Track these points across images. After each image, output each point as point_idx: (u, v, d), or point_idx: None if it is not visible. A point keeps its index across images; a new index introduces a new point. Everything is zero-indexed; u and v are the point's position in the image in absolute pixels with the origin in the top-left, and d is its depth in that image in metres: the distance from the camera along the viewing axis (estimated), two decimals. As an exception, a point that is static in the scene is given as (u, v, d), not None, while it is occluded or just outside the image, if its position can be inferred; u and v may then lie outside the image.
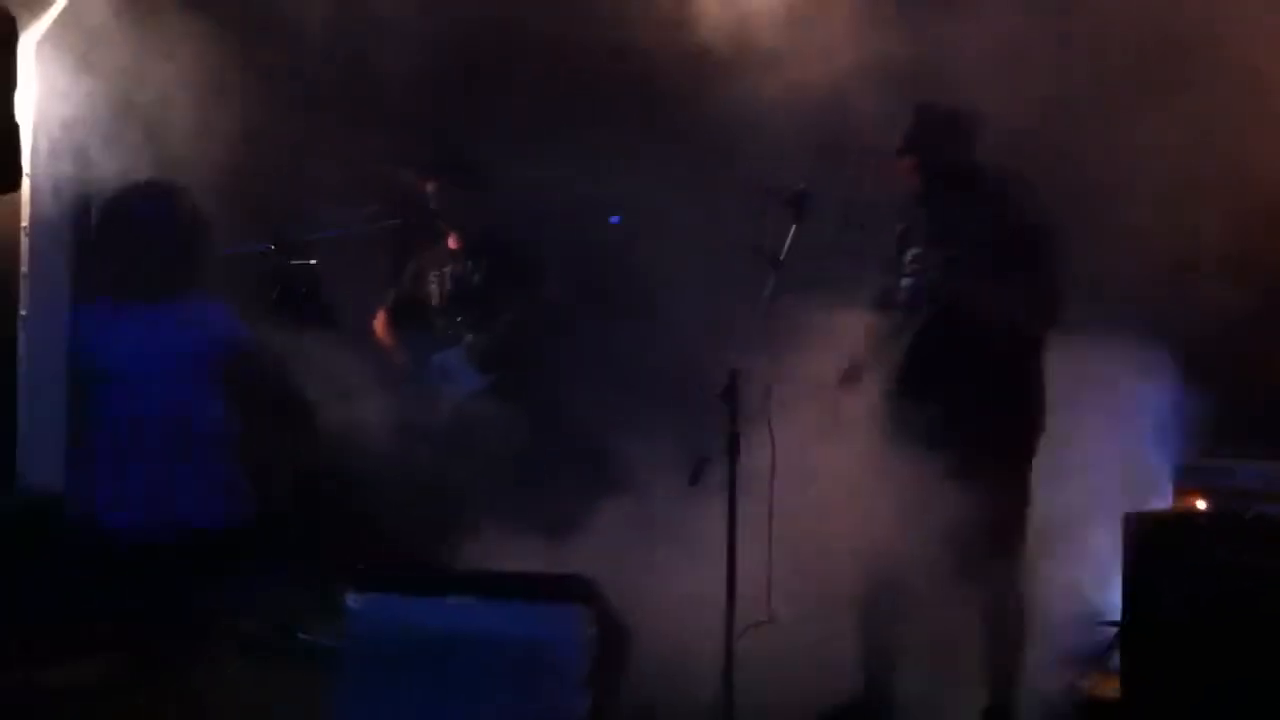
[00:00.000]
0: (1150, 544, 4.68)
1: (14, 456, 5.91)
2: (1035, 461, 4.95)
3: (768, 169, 5.36)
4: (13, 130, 5.75)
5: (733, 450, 4.44)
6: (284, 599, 5.68)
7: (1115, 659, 4.86)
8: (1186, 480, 5.27)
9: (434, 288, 6.10)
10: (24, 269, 6.07)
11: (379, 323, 6.19)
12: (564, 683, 4.83)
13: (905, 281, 5.09)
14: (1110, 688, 4.88)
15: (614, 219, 6.19)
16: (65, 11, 6.18)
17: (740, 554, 4.44)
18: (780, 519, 4.87)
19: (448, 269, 6.10)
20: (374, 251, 6.52)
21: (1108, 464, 5.40)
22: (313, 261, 5.82)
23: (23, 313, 6.04)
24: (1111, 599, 4.95)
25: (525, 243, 6.07)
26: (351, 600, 5.00)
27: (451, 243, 6.15)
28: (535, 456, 5.66)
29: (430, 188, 6.08)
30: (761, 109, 5.32)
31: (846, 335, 5.11)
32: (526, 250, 6.04)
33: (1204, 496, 5.18)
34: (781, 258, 4.85)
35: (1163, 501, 5.29)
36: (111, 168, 6.13)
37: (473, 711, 4.81)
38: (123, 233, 4.50)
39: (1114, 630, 4.90)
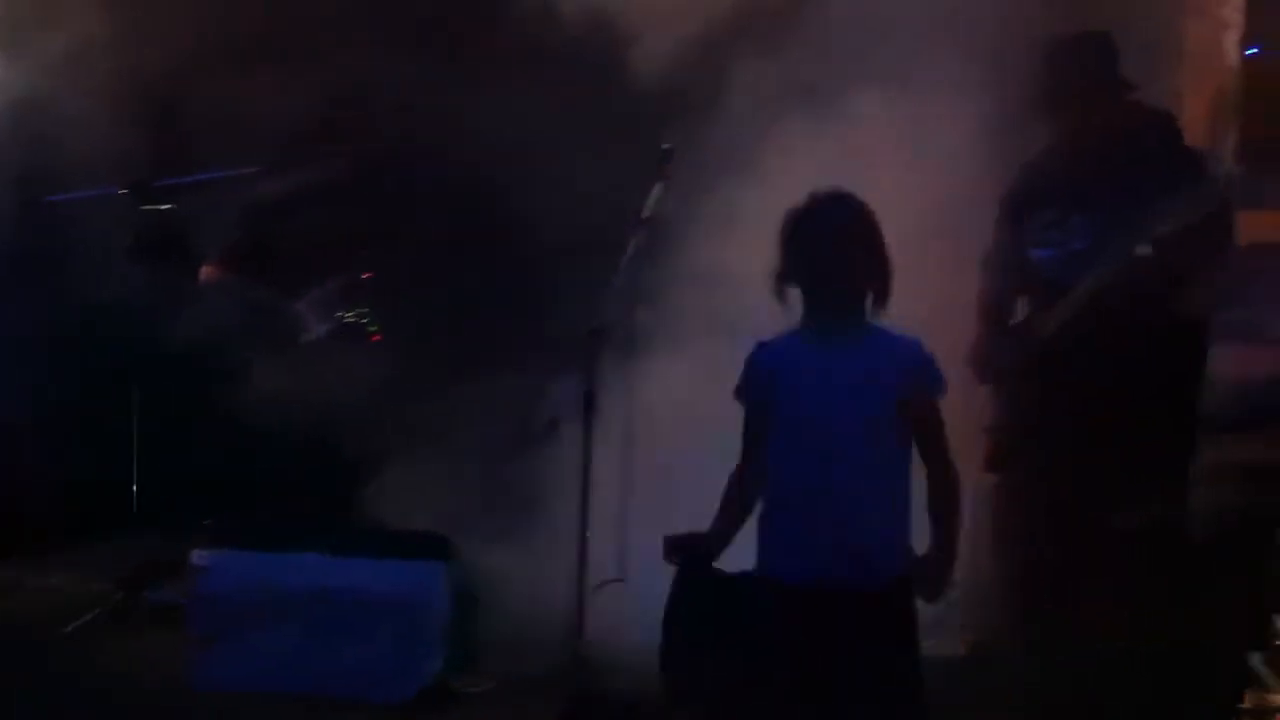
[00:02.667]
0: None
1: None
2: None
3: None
4: None
5: (588, 409, 4.39)
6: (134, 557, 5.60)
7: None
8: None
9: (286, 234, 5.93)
10: None
11: (209, 271, 5.97)
12: (420, 640, 4.81)
13: (1041, 253, 4.35)
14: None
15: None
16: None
17: (595, 512, 4.39)
18: (637, 478, 4.90)
19: (307, 214, 5.93)
20: (241, 198, 6.35)
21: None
22: (167, 207, 5.65)
23: None
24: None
25: (390, 191, 5.94)
26: (198, 558, 4.93)
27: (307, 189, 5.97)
28: (388, 411, 5.55)
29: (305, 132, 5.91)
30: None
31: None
32: (390, 198, 5.92)
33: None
34: (645, 215, 4.81)
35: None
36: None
37: (325, 668, 4.77)
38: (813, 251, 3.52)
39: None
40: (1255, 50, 4.89)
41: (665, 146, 4.89)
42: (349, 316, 5.58)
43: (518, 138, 5.61)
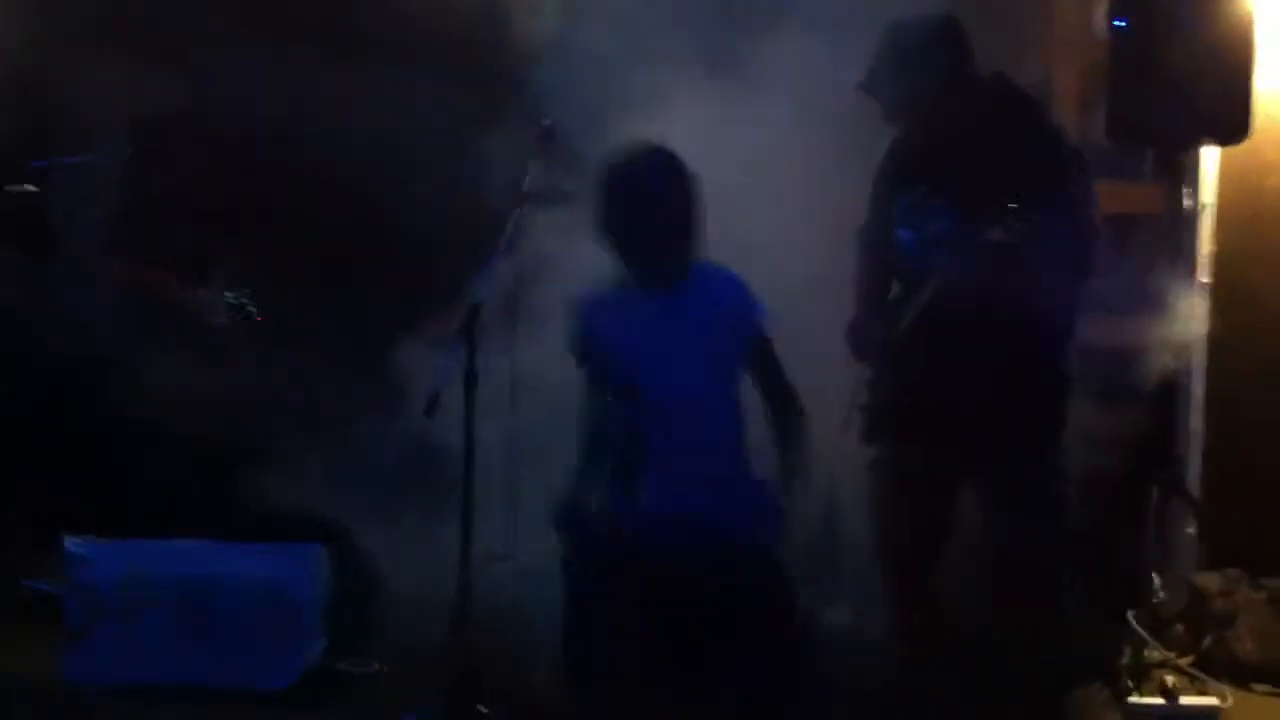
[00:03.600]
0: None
1: None
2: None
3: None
4: None
5: (470, 385, 4.34)
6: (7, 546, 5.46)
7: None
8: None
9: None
10: None
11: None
12: (301, 622, 4.75)
13: (904, 234, 4.28)
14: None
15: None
16: None
17: (480, 490, 4.35)
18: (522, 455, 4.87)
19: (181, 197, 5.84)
20: (112, 182, 6.21)
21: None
22: (31, 188, 5.50)
23: None
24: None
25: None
26: (72, 545, 4.81)
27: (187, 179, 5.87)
28: (274, 390, 5.47)
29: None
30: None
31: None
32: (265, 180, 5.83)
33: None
34: (525, 191, 4.78)
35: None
36: None
37: (206, 655, 4.69)
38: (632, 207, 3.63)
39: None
40: (1123, 23, 4.95)
41: (545, 122, 4.87)
42: (231, 298, 5.49)
43: (398, 116, 5.57)
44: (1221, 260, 5.41)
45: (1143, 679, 4.63)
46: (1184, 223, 5.29)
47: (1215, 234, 5.42)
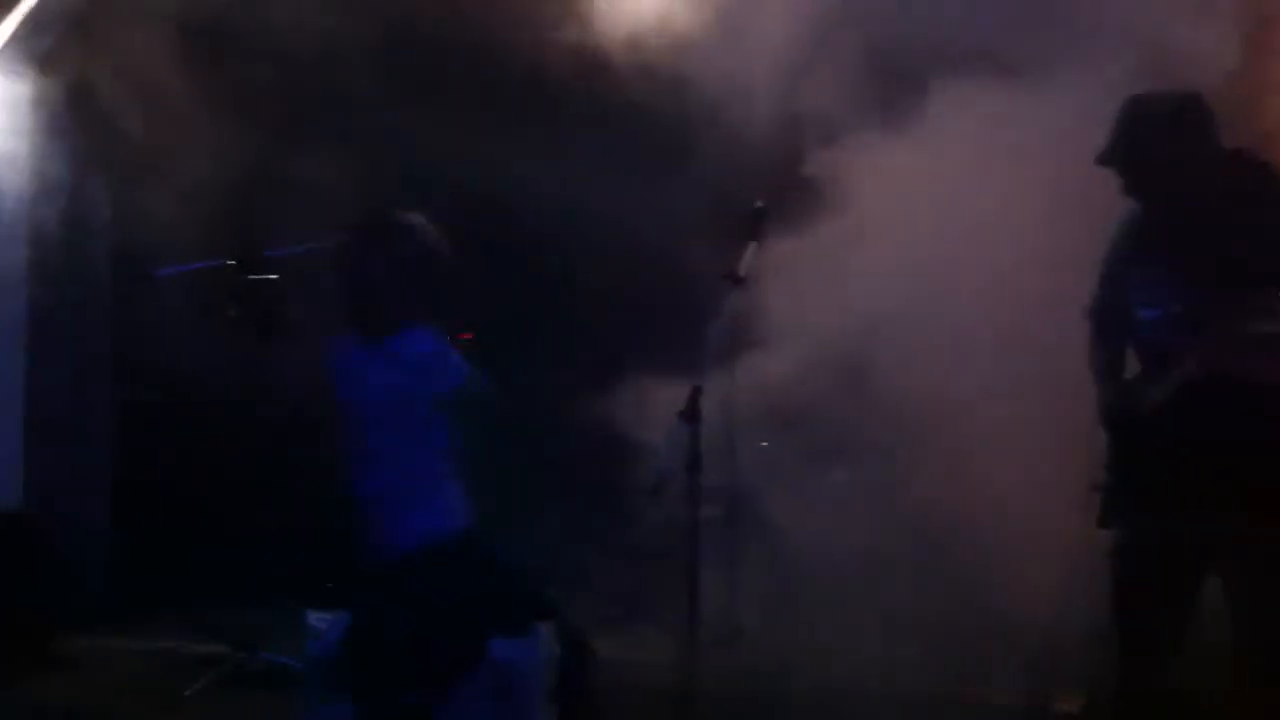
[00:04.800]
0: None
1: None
2: None
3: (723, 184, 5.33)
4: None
5: (694, 468, 4.41)
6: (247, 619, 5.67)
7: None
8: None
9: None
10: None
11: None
12: (527, 702, 4.81)
13: (1146, 313, 4.24)
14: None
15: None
16: (24, 22, 6.19)
17: (705, 570, 4.39)
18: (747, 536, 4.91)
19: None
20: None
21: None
22: (274, 277, 5.76)
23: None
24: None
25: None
26: (315, 619, 4.97)
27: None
28: (499, 474, 5.60)
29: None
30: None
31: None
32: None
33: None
34: (742, 274, 4.85)
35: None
36: (66, 177, 6.19)
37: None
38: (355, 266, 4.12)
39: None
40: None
41: (758, 205, 4.92)
42: None
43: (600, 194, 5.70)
44: None
45: None
46: None
47: None
